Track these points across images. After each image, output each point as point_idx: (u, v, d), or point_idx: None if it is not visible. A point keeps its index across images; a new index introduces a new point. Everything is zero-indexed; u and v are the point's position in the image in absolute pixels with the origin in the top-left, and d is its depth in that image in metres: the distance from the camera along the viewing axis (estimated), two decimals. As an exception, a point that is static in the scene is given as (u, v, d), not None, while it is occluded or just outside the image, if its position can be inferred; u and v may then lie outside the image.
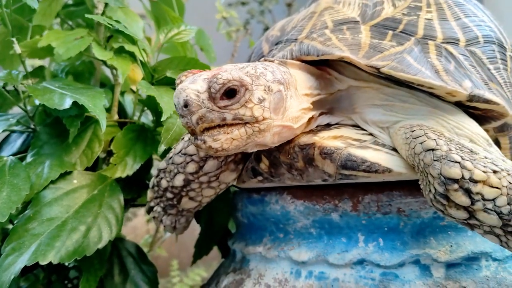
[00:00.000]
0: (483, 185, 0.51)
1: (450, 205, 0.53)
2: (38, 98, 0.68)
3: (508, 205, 0.50)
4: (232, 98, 0.55)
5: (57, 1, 0.91)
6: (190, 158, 0.70)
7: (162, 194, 0.76)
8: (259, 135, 0.58)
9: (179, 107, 0.54)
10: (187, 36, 0.88)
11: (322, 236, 0.71)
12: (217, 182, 0.74)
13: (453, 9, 0.72)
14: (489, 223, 0.51)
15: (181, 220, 0.82)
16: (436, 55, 0.64)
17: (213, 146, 0.55)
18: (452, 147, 0.54)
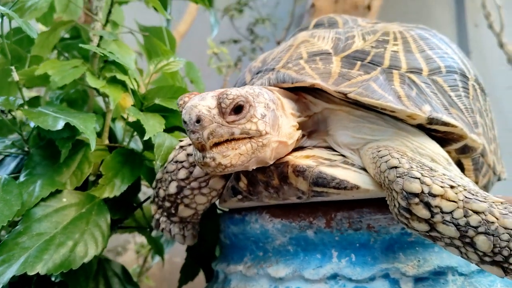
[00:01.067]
0: (441, 199, 0.56)
1: (413, 218, 0.58)
2: (33, 120, 0.73)
3: (464, 217, 0.55)
4: (239, 113, 0.60)
5: (54, 34, 0.97)
6: (181, 164, 0.76)
7: (162, 204, 0.81)
8: (262, 150, 0.62)
9: (190, 123, 0.57)
10: (176, 67, 0.94)
11: (299, 253, 0.75)
12: (207, 188, 0.78)
13: (418, 43, 0.79)
14: (448, 235, 0.56)
15: (188, 226, 0.85)
16: (399, 83, 0.70)
17: (223, 162, 0.58)
18: (413, 165, 0.59)
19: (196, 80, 1.23)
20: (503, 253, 0.53)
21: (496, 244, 0.53)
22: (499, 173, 0.91)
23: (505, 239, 0.53)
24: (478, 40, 2.81)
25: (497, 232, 0.53)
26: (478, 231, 0.54)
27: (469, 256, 0.56)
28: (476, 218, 0.54)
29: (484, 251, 0.54)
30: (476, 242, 0.54)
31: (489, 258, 0.54)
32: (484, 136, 0.78)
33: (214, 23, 1.43)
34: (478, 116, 0.77)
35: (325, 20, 0.92)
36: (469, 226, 0.54)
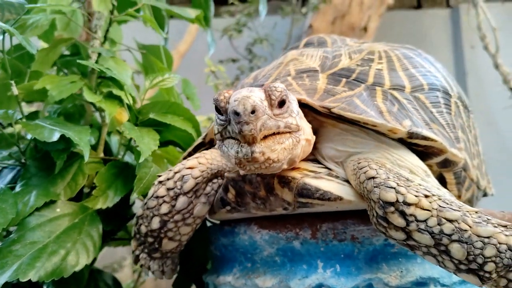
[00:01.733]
0: (416, 207, 0.58)
1: (390, 227, 0.60)
2: (30, 132, 0.76)
3: (438, 225, 0.57)
4: (282, 107, 0.61)
5: (54, 51, 1.01)
6: (162, 200, 0.75)
7: (144, 240, 0.80)
8: (296, 147, 0.63)
9: (245, 113, 0.56)
10: (171, 82, 0.97)
11: (286, 264, 0.76)
12: (191, 218, 0.78)
13: (402, 61, 0.83)
14: (424, 243, 0.58)
15: (167, 262, 0.85)
16: (382, 99, 0.73)
17: (271, 157, 0.59)
18: (390, 176, 0.62)
19: (192, 97, 1.26)
20: (477, 260, 0.55)
21: (470, 252, 0.55)
22: (484, 188, 0.93)
23: (478, 246, 0.55)
24: (474, 61, 2.87)
25: (471, 240, 0.55)
26: (452, 239, 0.56)
27: (446, 264, 0.58)
28: (450, 226, 0.56)
29: (459, 259, 0.56)
30: (451, 250, 0.56)
31: (465, 266, 0.56)
32: (466, 151, 0.80)
33: (211, 42, 1.47)
34: (460, 132, 0.80)
35: (315, 40, 0.95)
36: (443, 234, 0.56)
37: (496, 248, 0.54)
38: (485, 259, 0.54)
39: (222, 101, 0.60)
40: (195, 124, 0.98)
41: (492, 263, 0.54)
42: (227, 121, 0.60)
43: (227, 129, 0.60)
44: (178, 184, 0.75)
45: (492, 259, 0.54)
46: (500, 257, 0.54)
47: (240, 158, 0.58)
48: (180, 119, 0.94)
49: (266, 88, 0.60)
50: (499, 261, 0.54)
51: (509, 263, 0.54)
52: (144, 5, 1.02)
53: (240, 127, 0.57)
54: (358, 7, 2.66)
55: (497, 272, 0.54)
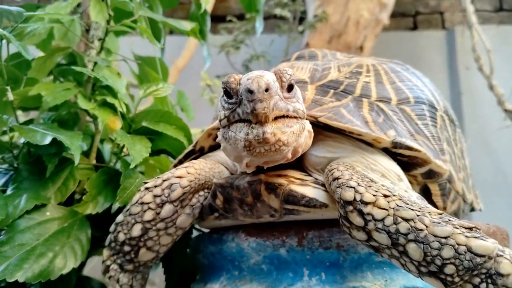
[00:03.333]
0: (373, 206, 0.59)
1: (352, 227, 0.61)
2: (23, 135, 0.77)
3: (394, 224, 0.57)
4: (291, 92, 0.62)
5: (51, 59, 1.03)
6: (147, 206, 0.75)
7: (120, 249, 0.78)
8: (301, 134, 0.63)
9: (259, 91, 0.56)
10: (165, 92, 0.99)
11: (272, 272, 0.77)
12: (174, 228, 0.77)
13: (389, 75, 0.85)
14: (382, 243, 0.58)
15: (138, 276, 0.82)
16: (368, 110, 0.75)
17: (282, 138, 0.58)
18: (354, 177, 0.63)
19: (186, 108, 1.28)
20: (436, 262, 0.54)
21: (427, 253, 0.54)
22: (471, 201, 0.94)
23: (435, 247, 0.54)
24: (469, 82, 2.90)
25: (427, 240, 0.55)
26: (408, 239, 0.55)
27: (409, 267, 0.58)
28: (405, 225, 0.56)
29: (417, 260, 0.55)
30: (408, 250, 0.56)
31: (425, 268, 0.55)
32: (452, 163, 0.82)
33: (207, 56, 1.49)
34: (445, 144, 0.81)
35: (306, 53, 0.98)
36: (399, 234, 0.56)
37: (454, 249, 0.53)
38: (443, 260, 0.54)
39: (233, 82, 0.60)
40: (187, 133, 0.99)
41: (452, 265, 0.53)
42: (236, 103, 0.60)
43: (236, 111, 0.60)
44: (165, 192, 0.75)
45: (451, 260, 0.53)
46: (460, 259, 0.53)
47: (250, 140, 0.58)
48: (172, 128, 0.96)
49: (276, 71, 0.61)
50: (459, 264, 0.53)
51: (470, 266, 0.53)
52: (141, 17, 1.04)
53: (253, 105, 0.57)
54: (354, 26, 2.70)
55: (459, 276, 0.53)
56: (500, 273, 0.52)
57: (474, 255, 0.53)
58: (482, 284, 0.53)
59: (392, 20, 2.99)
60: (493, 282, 0.53)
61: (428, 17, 3.21)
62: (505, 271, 0.52)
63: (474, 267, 0.53)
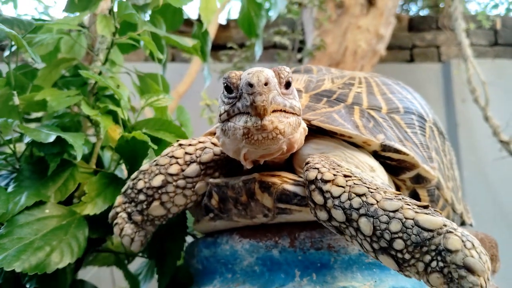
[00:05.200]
0: (332, 184, 0.62)
1: (316, 208, 0.64)
2: (28, 134, 0.80)
3: (348, 200, 0.60)
4: (288, 89, 0.65)
5: (56, 70, 1.07)
6: (175, 160, 0.78)
7: (134, 197, 0.80)
8: (297, 129, 0.66)
9: (259, 85, 0.59)
10: (165, 102, 1.03)
11: (264, 273, 0.78)
12: (191, 190, 0.79)
13: (380, 87, 0.89)
14: (338, 219, 0.61)
15: (141, 233, 0.82)
16: (359, 116, 0.78)
17: (279, 127, 0.61)
18: (322, 162, 0.66)
19: (186, 124, 1.31)
20: (385, 236, 0.55)
21: (376, 226, 0.56)
22: (461, 213, 0.96)
23: (384, 221, 0.56)
24: (465, 114, 2.95)
25: (376, 214, 0.57)
26: (360, 213, 0.58)
27: (365, 246, 0.59)
28: (358, 200, 0.59)
29: (368, 235, 0.57)
30: (360, 225, 0.58)
31: (377, 244, 0.57)
32: (440, 171, 0.84)
33: (207, 75, 1.54)
34: (434, 153, 0.84)
35: (302, 68, 1.02)
36: (352, 209, 0.59)
37: (401, 223, 0.54)
38: (392, 234, 0.55)
39: (233, 77, 0.64)
40: (186, 141, 1.02)
41: (400, 240, 0.54)
42: (237, 97, 0.63)
43: (236, 105, 0.63)
44: (198, 152, 0.78)
45: (398, 235, 0.54)
46: (407, 233, 0.54)
47: (249, 127, 0.61)
48: (171, 136, 0.99)
49: (275, 68, 0.65)
50: (406, 238, 0.54)
51: (418, 241, 0.53)
52: (145, 32, 1.09)
53: (253, 98, 0.60)
54: (352, 56, 2.78)
55: (409, 253, 0.54)
56: (449, 249, 0.52)
57: (421, 229, 0.54)
58: (432, 262, 0.53)
59: (389, 52, 3.07)
60: (443, 260, 0.52)
61: (424, 50, 3.29)
62: (453, 247, 0.51)
63: (422, 242, 0.53)
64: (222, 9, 2.64)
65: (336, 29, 2.77)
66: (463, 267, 0.50)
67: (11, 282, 0.79)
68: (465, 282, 0.50)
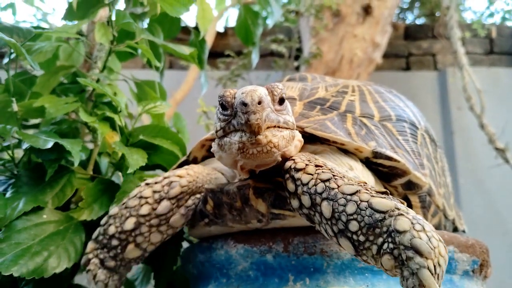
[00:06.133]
0: (303, 172, 0.65)
1: (290, 196, 0.67)
2: (26, 140, 0.82)
3: (314, 186, 0.63)
4: (282, 105, 0.68)
5: (55, 77, 1.09)
6: (145, 200, 0.78)
7: (106, 243, 0.79)
8: (292, 142, 0.68)
9: (252, 104, 0.61)
10: (162, 109, 1.05)
11: (259, 278, 0.79)
12: (166, 226, 0.80)
13: (373, 95, 0.90)
14: (305, 204, 0.64)
15: (115, 277, 0.81)
16: (352, 124, 0.80)
17: (273, 140, 0.64)
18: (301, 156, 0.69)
19: (182, 130, 1.33)
20: (342, 218, 0.58)
21: (335, 209, 0.59)
22: (453, 219, 0.98)
23: (341, 203, 0.59)
24: (461, 121, 2.97)
25: (336, 197, 0.60)
26: (322, 197, 0.61)
27: (327, 230, 0.62)
28: (321, 185, 0.62)
29: (328, 218, 0.60)
30: (322, 209, 0.61)
31: (336, 227, 0.59)
32: (432, 178, 0.86)
33: (204, 82, 1.56)
34: (425, 160, 0.86)
35: (297, 76, 1.04)
36: (316, 193, 0.62)
37: (356, 205, 0.57)
38: (348, 216, 0.57)
39: (228, 96, 0.66)
40: (182, 147, 1.04)
41: (355, 222, 0.56)
42: (232, 115, 0.65)
43: (232, 123, 0.65)
44: (165, 188, 0.79)
45: (353, 216, 0.57)
46: (361, 215, 0.56)
47: (244, 141, 0.63)
48: (168, 142, 1.00)
49: (268, 86, 0.67)
50: (360, 220, 0.56)
51: (371, 222, 0.55)
52: (143, 40, 1.11)
53: (247, 117, 0.62)
54: (348, 65, 2.80)
55: (364, 235, 0.56)
56: (398, 230, 0.53)
57: (374, 211, 0.56)
58: (384, 244, 0.54)
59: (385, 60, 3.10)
60: (393, 241, 0.53)
61: (420, 58, 3.32)
62: (401, 228, 0.53)
63: (374, 223, 0.55)
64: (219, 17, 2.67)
65: (332, 37, 2.80)
66: (410, 248, 0.51)
67: (8, 286, 0.80)
68: (413, 264, 0.51)
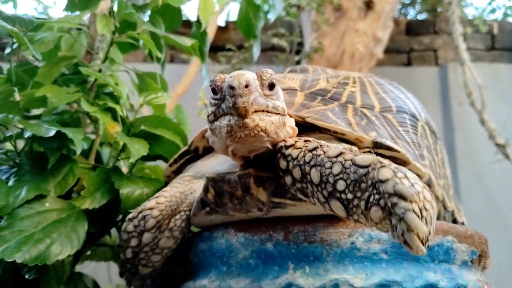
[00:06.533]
0: (292, 148, 0.67)
1: (284, 175, 0.69)
2: (29, 128, 0.82)
3: (303, 157, 0.65)
4: (272, 90, 0.68)
5: (57, 68, 1.09)
6: (131, 234, 0.84)
7: (124, 264, 0.89)
8: (282, 128, 0.69)
9: (240, 87, 0.62)
10: (163, 100, 1.05)
11: (259, 266, 0.80)
12: (159, 249, 0.87)
13: (373, 86, 0.91)
14: (297, 177, 0.66)
15: (148, 281, 0.94)
16: (352, 114, 0.80)
17: (260, 124, 0.64)
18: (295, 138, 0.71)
19: (183, 122, 1.33)
20: (329, 180, 0.61)
21: (322, 173, 0.62)
22: (452, 210, 0.98)
23: (328, 166, 0.61)
24: (462, 117, 2.98)
25: (322, 162, 0.62)
26: (311, 165, 0.64)
27: (320, 198, 0.64)
28: (309, 154, 0.64)
29: (317, 183, 0.63)
30: (311, 176, 0.63)
31: (325, 190, 0.62)
32: (431, 169, 0.86)
33: (205, 75, 1.57)
34: (425, 151, 0.86)
35: (298, 68, 1.04)
36: (305, 163, 0.64)
37: (341, 165, 0.60)
38: (335, 177, 0.60)
39: (218, 80, 0.67)
40: (184, 138, 1.04)
41: (341, 181, 0.59)
42: (221, 99, 0.66)
43: (221, 106, 0.66)
44: (141, 222, 0.84)
45: (340, 176, 0.60)
46: (347, 173, 0.59)
47: (231, 125, 0.64)
48: (169, 133, 1.01)
49: (257, 71, 0.68)
50: (346, 178, 0.59)
51: (356, 178, 0.58)
52: (144, 31, 1.11)
53: (234, 100, 0.63)
54: (350, 59, 2.80)
55: (351, 192, 0.58)
56: (381, 180, 0.55)
57: (358, 167, 0.58)
58: (371, 197, 0.57)
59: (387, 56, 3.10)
60: (377, 191, 0.56)
61: (422, 54, 3.32)
62: (384, 177, 0.55)
63: (359, 178, 0.58)
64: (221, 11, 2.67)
65: (334, 32, 2.79)
66: (394, 195, 0.54)
67: (11, 273, 0.80)
68: (398, 209, 0.53)
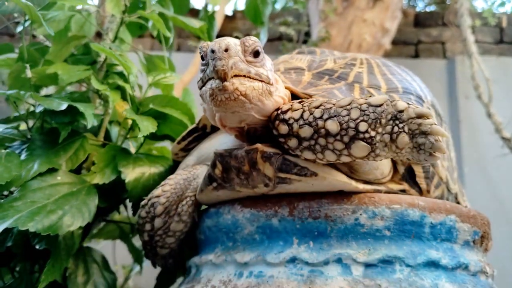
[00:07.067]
0: (291, 111, 0.70)
1: (287, 140, 0.71)
2: (41, 102, 0.84)
3: (310, 115, 0.68)
4: (256, 57, 0.69)
5: (67, 47, 1.11)
6: (144, 220, 0.90)
7: (145, 246, 0.95)
8: (267, 96, 0.70)
9: (219, 51, 0.64)
10: (172, 80, 1.07)
11: (264, 241, 0.82)
12: (171, 231, 0.91)
13: (380, 68, 0.92)
14: (307, 135, 0.68)
15: (170, 260, 1.00)
16: (359, 93, 0.81)
17: (240, 88, 0.65)
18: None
19: (190, 104, 1.34)
20: (350, 125, 0.65)
21: (341, 122, 0.65)
22: (456, 193, 0.99)
23: (345, 114, 0.65)
24: (468, 110, 2.97)
25: (337, 112, 0.66)
26: (324, 118, 0.66)
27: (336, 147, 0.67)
28: (318, 110, 0.67)
29: (336, 132, 0.65)
30: (328, 128, 0.66)
31: (347, 136, 0.65)
32: (436, 150, 0.87)
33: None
34: (430, 132, 0.87)
35: (305, 50, 1.05)
36: (317, 119, 0.67)
37: (359, 109, 0.65)
38: (355, 121, 0.64)
39: (204, 46, 0.69)
40: (191, 117, 1.06)
41: (363, 122, 0.64)
42: (206, 64, 0.68)
43: (206, 71, 0.67)
44: (151, 209, 0.89)
45: (360, 118, 0.64)
46: (366, 114, 0.64)
47: (213, 88, 0.65)
48: (178, 112, 1.02)
49: (241, 39, 0.69)
50: (367, 118, 0.64)
51: (376, 116, 0.64)
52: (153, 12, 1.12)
53: (214, 63, 0.65)
54: (357, 49, 2.80)
55: (373, 129, 0.64)
56: (400, 110, 0.63)
57: (375, 107, 0.64)
58: (394, 128, 0.63)
59: (394, 47, 3.09)
60: (400, 120, 0.63)
61: (429, 46, 3.30)
62: (402, 107, 0.63)
63: (379, 115, 0.64)
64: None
65: (341, 21, 2.79)
66: (416, 117, 0.63)
67: (21, 244, 0.83)
68: (423, 127, 0.62)
